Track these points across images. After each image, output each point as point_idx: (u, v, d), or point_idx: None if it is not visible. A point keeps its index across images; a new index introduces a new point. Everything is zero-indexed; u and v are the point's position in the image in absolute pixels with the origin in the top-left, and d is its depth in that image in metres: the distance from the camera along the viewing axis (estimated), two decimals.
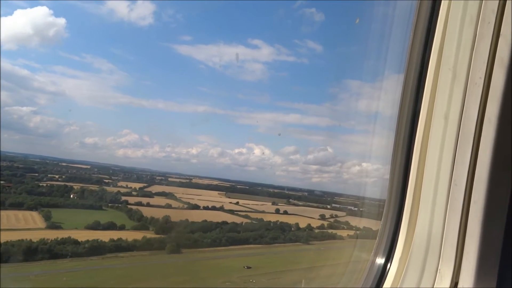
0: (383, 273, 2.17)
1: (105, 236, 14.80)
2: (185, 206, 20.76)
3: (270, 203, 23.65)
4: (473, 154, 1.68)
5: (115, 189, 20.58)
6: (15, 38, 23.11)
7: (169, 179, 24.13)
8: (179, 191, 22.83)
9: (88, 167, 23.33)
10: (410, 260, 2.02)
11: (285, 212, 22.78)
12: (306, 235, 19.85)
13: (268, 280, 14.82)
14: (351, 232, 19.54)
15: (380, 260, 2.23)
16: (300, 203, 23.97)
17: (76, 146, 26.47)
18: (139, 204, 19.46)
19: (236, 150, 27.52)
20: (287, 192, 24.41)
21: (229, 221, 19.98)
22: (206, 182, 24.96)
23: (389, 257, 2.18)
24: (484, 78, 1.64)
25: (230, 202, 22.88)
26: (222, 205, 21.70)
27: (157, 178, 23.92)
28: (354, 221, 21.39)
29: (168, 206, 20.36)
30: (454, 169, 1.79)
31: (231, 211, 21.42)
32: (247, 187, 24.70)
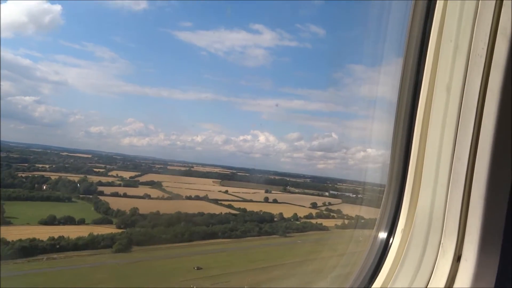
0: (385, 247, 2.17)
1: (57, 231, 13.47)
2: (167, 196, 20.28)
3: (263, 191, 23.46)
4: (476, 126, 1.66)
5: (103, 179, 20.14)
6: (11, 26, 22.14)
7: (169, 167, 23.86)
8: (171, 180, 22.56)
9: (89, 156, 22.85)
10: (413, 234, 2.01)
11: (275, 201, 22.47)
12: (286, 227, 19.20)
13: (212, 284, 13.56)
14: (340, 222, 19.65)
15: (383, 235, 2.22)
16: (297, 191, 23.71)
17: (82, 136, 25.89)
18: (115, 195, 18.67)
19: (241, 137, 27.33)
20: (288, 179, 24.12)
21: (210, 211, 19.17)
22: (207, 170, 24.71)
23: (391, 232, 2.17)
24: (486, 48, 1.62)
25: (220, 191, 22.72)
26: (206, 195, 21.25)
27: (156, 166, 23.59)
28: (347, 209, 21.08)
29: (147, 197, 19.53)
30: (456, 142, 1.77)
31: (215, 201, 20.84)
32: (248, 174, 24.44)
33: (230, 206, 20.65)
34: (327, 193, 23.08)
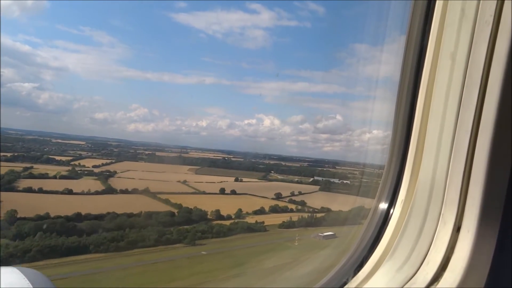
0: (386, 217, 2.17)
1: None
2: (101, 189, 19.11)
3: (233, 180, 22.98)
4: (480, 96, 1.64)
5: (55, 169, 19.58)
6: None
7: (158, 153, 23.44)
8: (139, 169, 22.11)
9: (83, 143, 22.35)
10: (413, 205, 2.00)
11: (233, 192, 21.86)
12: (204, 230, 16.35)
13: None
14: (290, 217, 18.86)
15: (383, 205, 2.22)
16: (280, 177, 23.47)
17: (87, 122, 25.46)
18: (28, 190, 17.12)
19: (245, 121, 27.10)
20: (283, 163, 23.83)
21: (138, 208, 17.25)
22: (201, 155, 24.29)
23: (392, 202, 2.17)
24: (493, 15, 1.58)
25: (178, 181, 22.27)
26: (147, 187, 20.35)
27: (146, 153, 23.20)
28: (315, 200, 21.11)
29: (68, 192, 17.87)
30: (460, 112, 1.75)
31: (154, 195, 19.75)
32: (242, 159, 24.02)
33: (166, 201, 19.10)
34: (311, 179, 22.80)
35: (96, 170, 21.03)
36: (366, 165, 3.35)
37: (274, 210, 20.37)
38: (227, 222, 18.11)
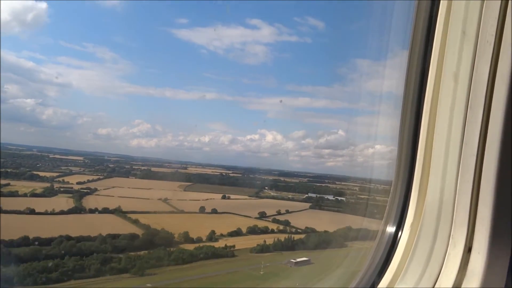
0: (394, 241, 2.13)
1: None
2: (67, 209, 17.97)
3: (220, 197, 22.42)
4: (485, 115, 1.63)
5: (31, 185, 18.85)
6: None
7: (154, 169, 23.08)
8: (125, 185, 21.67)
9: (81, 158, 22.20)
10: (422, 227, 1.97)
11: (214, 211, 20.84)
12: (159, 257, 14.63)
13: None
14: (275, 238, 17.53)
15: (391, 229, 2.18)
16: (272, 194, 23.01)
17: (90, 138, 25.58)
18: None
19: (248, 137, 27.06)
20: (282, 179, 23.36)
21: (100, 229, 15.63)
22: (198, 170, 23.97)
23: (400, 225, 2.13)
24: (495, 35, 1.59)
25: (159, 199, 21.65)
26: (119, 206, 19.29)
27: (142, 168, 22.89)
28: (301, 219, 20.43)
29: (29, 212, 16.52)
30: (465, 132, 1.73)
31: (124, 214, 18.40)
32: (240, 175, 23.68)
33: (135, 221, 17.84)
34: (305, 196, 22.45)
35: (78, 186, 20.47)
36: (367, 181, 3.32)
37: (253, 231, 18.99)
38: (192, 246, 16.37)
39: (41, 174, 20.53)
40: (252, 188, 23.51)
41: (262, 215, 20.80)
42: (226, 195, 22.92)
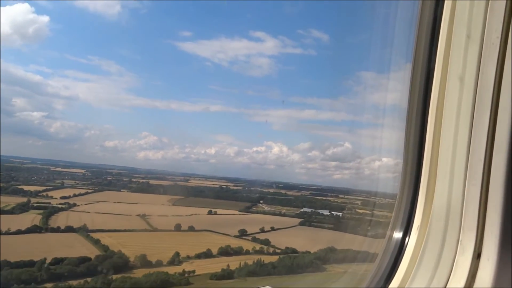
0: (401, 246, 2.08)
1: None
2: (24, 228, 16.50)
3: (206, 212, 21.49)
4: (492, 117, 1.60)
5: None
6: None
7: (152, 181, 22.79)
8: (117, 198, 21.25)
9: (82, 171, 22.02)
10: (430, 232, 1.93)
11: (191, 228, 19.20)
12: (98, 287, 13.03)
13: None
14: (248, 260, 15.98)
15: (398, 234, 2.14)
16: (266, 209, 22.20)
17: (98, 150, 25.76)
18: None
19: (254, 149, 26.93)
20: (283, 192, 22.61)
21: (49, 252, 14.35)
22: (199, 183, 23.74)
23: (407, 231, 2.08)
24: (500, 36, 1.57)
25: (138, 215, 20.55)
26: (84, 224, 17.94)
27: (140, 181, 22.36)
28: (285, 238, 18.92)
29: None
30: (472, 135, 1.70)
31: (87, 234, 16.97)
32: (241, 187, 23.28)
33: (96, 242, 16.28)
34: (300, 211, 21.72)
35: (58, 201, 19.59)
36: (371, 194, 3.28)
37: (225, 252, 16.97)
38: (145, 272, 14.69)
39: (27, 188, 19.73)
40: (247, 202, 23.05)
41: (243, 233, 19.22)
42: (213, 210, 21.95)
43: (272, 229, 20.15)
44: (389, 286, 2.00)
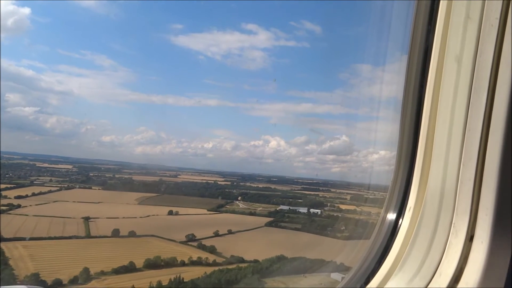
0: (394, 228, 2.07)
1: None
2: None
3: (166, 213, 19.65)
4: (489, 99, 1.59)
5: None
6: None
7: (136, 177, 22.14)
8: (84, 197, 20.40)
9: (70, 167, 21.10)
10: (423, 214, 1.92)
11: (132, 234, 16.51)
12: None
13: None
14: (174, 274, 13.79)
15: (391, 216, 2.12)
16: (241, 206, 20.99)
17: (95, 145, 25.22)
18: None
19: (252, 143, 26.61)
20: (273, 187, 21.94)
21: None
22: (187, 178, 23.05)
23: (400, 212, 2.07)
24: (499, 19, 1.56)
25: (83, 217, 18.24)
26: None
27: (124, 177, 21.54)
28: (239, 243, 17.16)
29: None
30: (468, 116, 1.70)
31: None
32: (229, 183, 22.55)
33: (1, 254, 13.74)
34: (277, 208, 21.13)
35: (10, 201, 17.86)
36: (365, 187, 3.27)
37: (153, 264, 14.19)
38: None
39: None
40: (224, 200, 22.56)
41: (190, 238, 16.90)
42: (175, 210, 20.13)
43: (229, 232, 18.07)
44: (381, 268, 1.99)
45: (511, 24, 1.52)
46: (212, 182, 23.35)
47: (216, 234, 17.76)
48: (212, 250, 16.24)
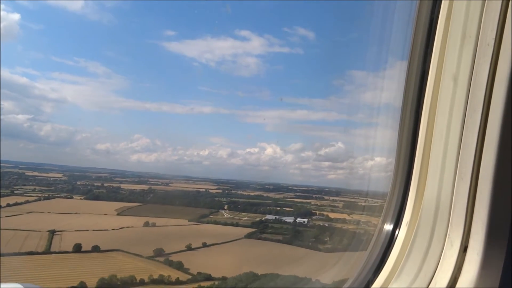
0: (391, 239, 2.12)
1: None
2: None
3: (142, 224, 18.59)
4: (483, 117, 1.65)
5: None
6: None
7: (123, 186, 21.17)
8: (60, 208, 19.57)
9: (60, 175, 20.36)
10: (419, 226, 1.98)
11: (95, 249, 15.20)
12: None
13: None
14: None
15: (388, 227, 2.18)
16: (226, 215, 19.75)
17: (89, 153, 24.46)
18: None
19: (247, 150, 26.19)
20: (265, 195, 21.20)
21: None
22: (179, 187, 22.43)
23: (397, 223, 2.13)
24: (495, 38, 1.61)
25: (48, 231, 16.37)
26: None
27: (112, 185, 20.89)
28: (214, 258, 15.89)
29: None
30: (463, 133, 1.76)
31: None
32: (221, 191, 21.95)
33: None
34: (264, 218, 20.78)
35: None
36: (362, 194, 3.30)
37: (107, 285, 12.83)
38: None
39: None
40: (209, 209, 22.11)
41: (158, 253, 15.76)
42: (151, 221, 19.01)
43: (204, 245, 16.78)
44: (378, 278, 2.04)
45: (511, 42, 1.57)
46: (203, 190, 22.86)
47: (189, 248, 16.41)
48: (179, 266, 14.91)
